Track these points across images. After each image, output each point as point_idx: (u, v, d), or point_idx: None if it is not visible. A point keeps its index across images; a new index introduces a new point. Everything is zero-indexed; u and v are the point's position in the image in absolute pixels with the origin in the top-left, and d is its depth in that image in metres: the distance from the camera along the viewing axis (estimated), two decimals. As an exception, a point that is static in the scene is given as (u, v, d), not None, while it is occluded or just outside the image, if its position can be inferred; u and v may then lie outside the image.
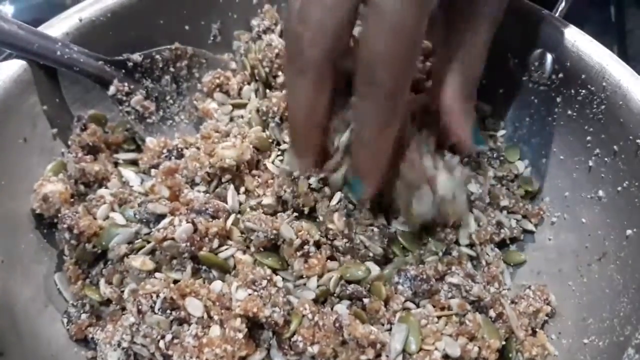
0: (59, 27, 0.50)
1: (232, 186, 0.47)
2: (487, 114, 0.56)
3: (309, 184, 0.46)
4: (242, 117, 0.54)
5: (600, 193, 0.48)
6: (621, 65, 0.47)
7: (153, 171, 0.49)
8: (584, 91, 0.49)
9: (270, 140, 0.52)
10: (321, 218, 0.45)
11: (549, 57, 0.52)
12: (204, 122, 0.56)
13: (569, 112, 0.51)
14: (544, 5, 0.54)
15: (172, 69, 0.55)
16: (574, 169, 0.50)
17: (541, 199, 0.53)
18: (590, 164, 0.49)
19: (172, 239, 0.42)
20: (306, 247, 0.42)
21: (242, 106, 0.55)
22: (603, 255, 0.46)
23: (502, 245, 0.51)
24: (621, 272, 0.44)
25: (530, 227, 0.52)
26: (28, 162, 0.47)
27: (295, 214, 0.46)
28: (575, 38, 0.50)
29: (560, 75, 0.51)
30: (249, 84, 0.56)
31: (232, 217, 0.45)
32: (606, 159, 0.48)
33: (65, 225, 0.43)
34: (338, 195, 0.46)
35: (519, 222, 0.52)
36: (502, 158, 0.54)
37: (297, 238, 0.42)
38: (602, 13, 0.79)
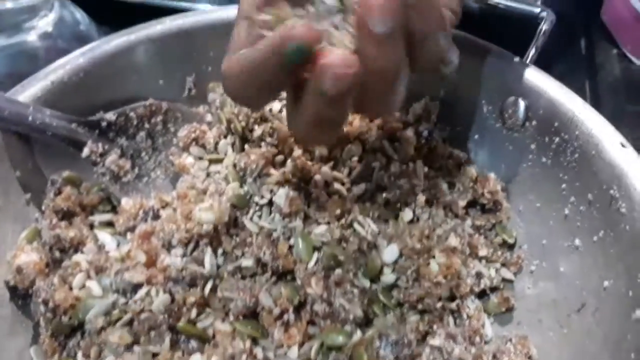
0: (30, 90, 0.50)
1: (209, 249, 0.47)
2: (462, 161, 0.56)
3: (290, 245, 0.46)
4: (219, 172, 0.54)
5: (577, 242, 0.48)
6: (594, 114, 0.48)
7: (129, 235, 0.49)
8: (557, 139, 0.50)
9: (248, 197, 0.51)
10: (299, 281, 0.45)
11: (522, 104, 0.52)
12: (181, 177, 0.55)
13: (544, 159, 0.51)
14: (515, 51, 0.55)
15: (147, 125, 0.55)
16: (550, 217, 0.51)
17: (519, 247, 0.53)
18: (566, 212, 0.49)
19: (150, 310, 0.41)
20: (285, 316, 0.42)
21: (219, 161, 0.55)
22: (582, 306, 0.46)
23: (481, 294, 0.52)
24: (600, 325, 0.44)
25: (509, 275, 0.52)
26: (2, 230, 0.47)
27: (274, 277, 0.45)
28: (548, 86, 0.50)
29: (534, 122, 0.51)
30: (225, 137, 0.56)
31: (210, 283, 0.45)
32: (581, 207, 0.48)
33: (40, 299, 0.43)
34: (315, 256, 0.46)
35: (498, 270, 0.52)
36: (478, 206, 0.54)
37: (276, 307, 0.42)
38: (573, 46, 0.80)
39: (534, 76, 0.51)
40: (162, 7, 0.75)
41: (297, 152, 0.53)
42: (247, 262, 0.46)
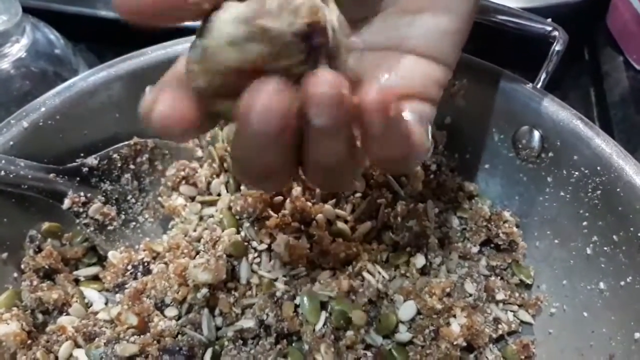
0: (1, 138, 0.45)
1: (206, 311, 0.43)
2: (474, 193, 0.53)
3: (296, 305, 0.42)
4: (212, 216, 0.50)
5: (602, 285, 0.45)
6: (619, 149, 0.44)
7: (118, 296, 0.45)
8: (577, 173, 0.46)
9: (246, 243, 0.47)
10: (306, 346, 0.41)
11: (537, 135, 0.49)
12: (171, 219, 0.51)
13: (562, 193, 0.48)
14: (523, 71, 0.51)
15: (132, 166, 0.51)
16: (570, 256, 0.47)
17: (537, 286, 0.50)
18: (588, 252, 0.46)
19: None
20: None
21: (212, 203, 0.51)
22: (610, 358, 0.43)
23: (498, 338, 0.48)
24: (633, 381, 0.41)
25: (527, 318, 0.48)
26: (-24, 296, 0.42)
27: (279, 345, 0.42)
28: (565, 116, 0.47)
29: (551, 154, 0.48)
30: (217, 176, 0.52)
31: (210, 352, 0.41)
32: (605, 248, 0.45)
33: (22, 379, 0.39)
34: (323, 316, 0.42)
35: (516, 313, 0.49)
36: (492, 245, 0.51)
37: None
38: (575, 52, 0.76)
39: (550, 105, 0.48)
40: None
41: (297, 191, 0.49)
42: (249, 323, 0.42)
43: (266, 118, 0.26)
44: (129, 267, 0.46)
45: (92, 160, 0.48)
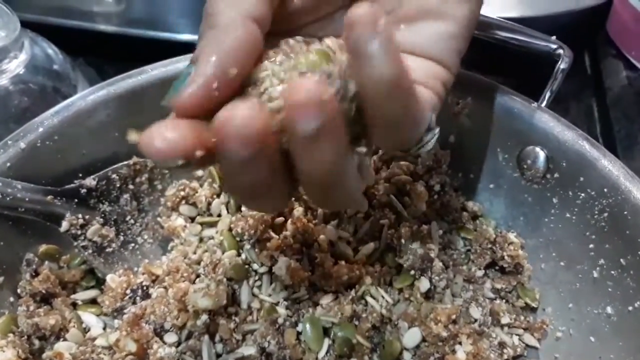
0: (-1, 158, 0.44)
1: (207, 337, 0.42)
2: (478, 213, 0.52)
3: (298, 332, 0.42)
4: (213, 238, 0.49)
5: (609, 310, 0.44)
6: (626, 171, 0.43)
7: (116, 321, 0.44)
8: (583, 194, 0.46)
9: (247, 266, 0.47)
10: (310, 375, 0.40)
11: (542, 155, 0.48)
12: (170, 240, 0.51)
13: (567, 214, 0.47)
14: (527, 89, 0.50)
15: (131, 186, 0.50)
16: (576, 278, 0.47)
17: (542, 309, 0.49)
18: (595, 275, 0.45)
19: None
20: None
21: (213, 224, 0.50)
22: (618, 384, 0.42)
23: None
24: (641, 409, 0.40)
25: (533, 342, 0.47)
26: (-28, 322, 0.41)
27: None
28: (571, 136, 0.46)
29: (556, 175, 0.47)
30: (218, 196, 0.51)
31: (211, 380, 0.40)
32: (612, 272, 0.44)
33: (18, 411, 0.38)
34: (326, 343, 0.41)
35: (521, 337, 0.48)
36: (497, 267, 0.50)
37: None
38: (576, 64, 0.76)
39: (556, 125, 0.47)
40: (141, 38, 0.70)
41: (298, 212, 0.49)
42: (250, 350, 0.42)
43: (241, 141, 0.25)
44: (128, 291, 0.45)
45: (90, 181, 0.47)
